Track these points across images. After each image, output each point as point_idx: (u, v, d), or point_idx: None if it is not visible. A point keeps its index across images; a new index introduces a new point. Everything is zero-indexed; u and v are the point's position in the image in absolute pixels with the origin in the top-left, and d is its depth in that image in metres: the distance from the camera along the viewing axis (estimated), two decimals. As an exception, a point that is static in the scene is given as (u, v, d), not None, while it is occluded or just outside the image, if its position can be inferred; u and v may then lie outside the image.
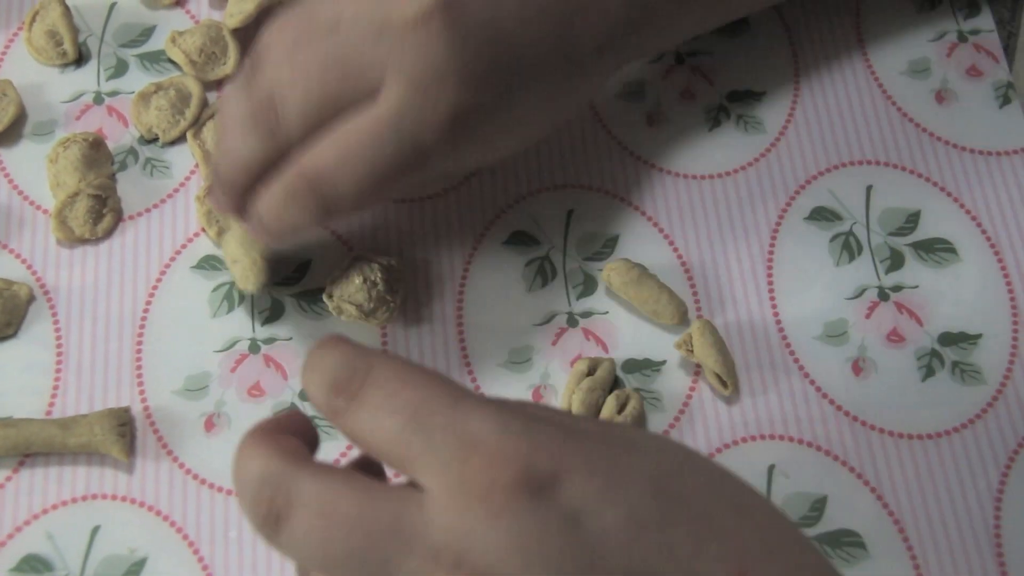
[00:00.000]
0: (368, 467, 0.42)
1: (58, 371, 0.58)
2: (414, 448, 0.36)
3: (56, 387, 0.57)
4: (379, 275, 0.58)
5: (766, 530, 0.38)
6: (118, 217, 0.61)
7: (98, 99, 0.64)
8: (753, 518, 0.38)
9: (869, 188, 0.63)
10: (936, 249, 0.62)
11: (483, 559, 0.34)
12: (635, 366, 0.58)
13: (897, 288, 0.61)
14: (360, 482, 0.36)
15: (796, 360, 0.59)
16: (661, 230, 0.61)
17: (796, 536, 0.39)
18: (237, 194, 0.53)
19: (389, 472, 0.43)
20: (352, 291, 0.58)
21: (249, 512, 0.37)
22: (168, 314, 0.59)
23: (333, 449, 0.56)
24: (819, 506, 0.56)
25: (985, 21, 0.67)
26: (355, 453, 0.56)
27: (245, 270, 0.56)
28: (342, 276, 0.58)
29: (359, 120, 0.50)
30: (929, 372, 0.59)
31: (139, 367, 0.58)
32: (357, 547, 0.35)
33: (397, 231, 0.61)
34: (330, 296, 0.58)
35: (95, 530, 0.55)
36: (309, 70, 0.50)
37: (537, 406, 0.40)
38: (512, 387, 0.58)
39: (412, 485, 0.36)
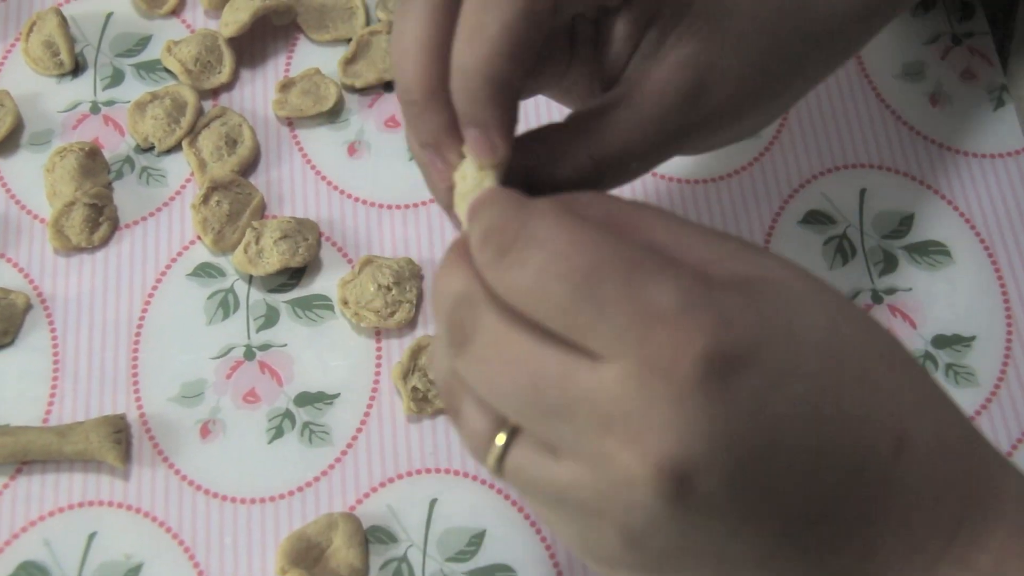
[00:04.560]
0: None
1: (55, 379, 0.58)
2: (583, 318, 0.33)
3: (53, 395, 0.58)
4: (390, 278, 0.58)
5: (916, 385, 0.38)
6: (114, 225, 0.62)
7: (94, 108, 0.64)
8: (904, 372, 0.38)
9: (863, 191, 0.63)
10: (930, 252, 0.62)
11: (666, 441, 0.33)
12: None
13: (891, 291, 0.61)
14: (536, 335, 0.34)
15: (790, 363, 0.59)
16: (655, 235, 0.62)
17: (938, 389, 0.39)
18: (433, 101, 0.41)
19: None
20: (368, 298, 0.58)
21: (443, 325, 0.36)
22: (164, 321, 0.59)
23: (327, 455, 0.57)
24: (813, 509, 0.56)
25: (979, 24, 0.67)
26: (350, 454, 0.57)
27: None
28: (352, 282, 0.59)
29: None
30: (923, 374, 0.59)
31: (135, 374, 0.58)
32: (522, 389, 0.34)
33: (392, 235, 0.62)
34: (345, 303, 0.59)
35: (91, 536, 0.55)
36: None
37: (720, 236, 0.38)
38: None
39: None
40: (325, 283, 0.60)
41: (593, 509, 0.35)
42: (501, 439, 0.36)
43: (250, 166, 0.63)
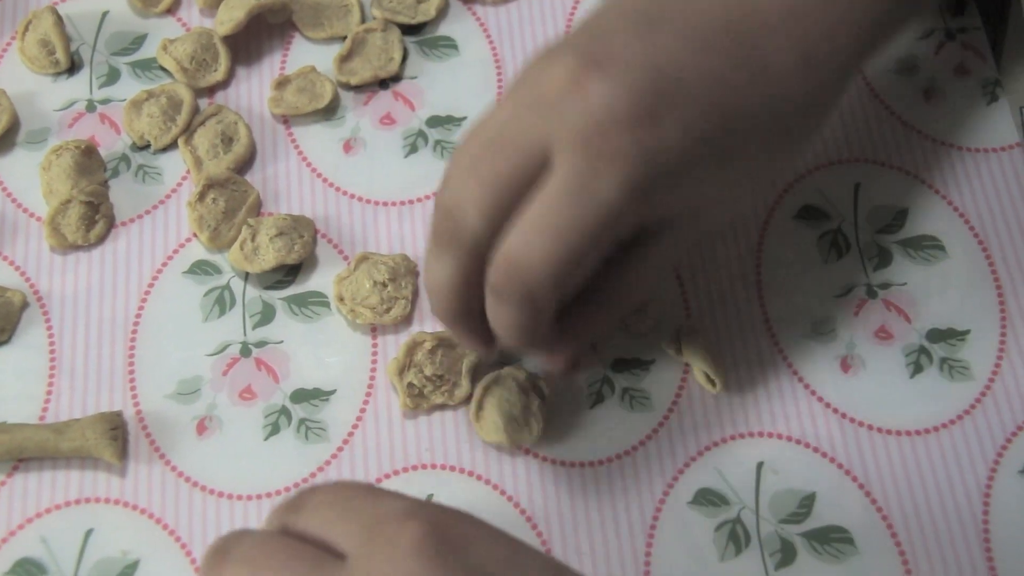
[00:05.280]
0: None
1: (51, 376, 0.58)
2: (336, 528, 0.41)
3: (49, 392, 0.58)
4: (386, 275, 0.59)
5: None
6: (110, 223, 0.62)
7: (90, 107, 0.65)
8: None
9: (857, 186, 0.63)
10: (924, 246, 0.62)
11: None
12: (624, 365, 0.59)
13: (885, 285, 0.61)
14: (294, 540, 0.42)
15: (785, 358, 0.59)
16: (650, 230, 0.62)
17: None
18: (459, 321, 0.50)
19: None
20: (364, 294, 0.59)
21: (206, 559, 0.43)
22: (160, 319, 0.60)
23: (323, 451, 0.57)
24: (808, 503, 0.56)
25: (972, 19, 0.68)
26: (345, 457, 0.57)
27: None
28: (348, 278, 0.59)
29: (537, 197, 0.46)
30: (917, 368, 0.59)
31: (131, 371, 0.58)
32: (285, 570, 0.40)
33: (387, 231, 0.62)
34: (341, 300, 0.59)
35: (88, 533, 0.55)
36: (477, 165, 0.47)
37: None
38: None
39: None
40: (321, 280, 0.61)
41: None
42: None
43: (246, 164, 0.63)
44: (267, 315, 0.60)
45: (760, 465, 0.57)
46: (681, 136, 0.46)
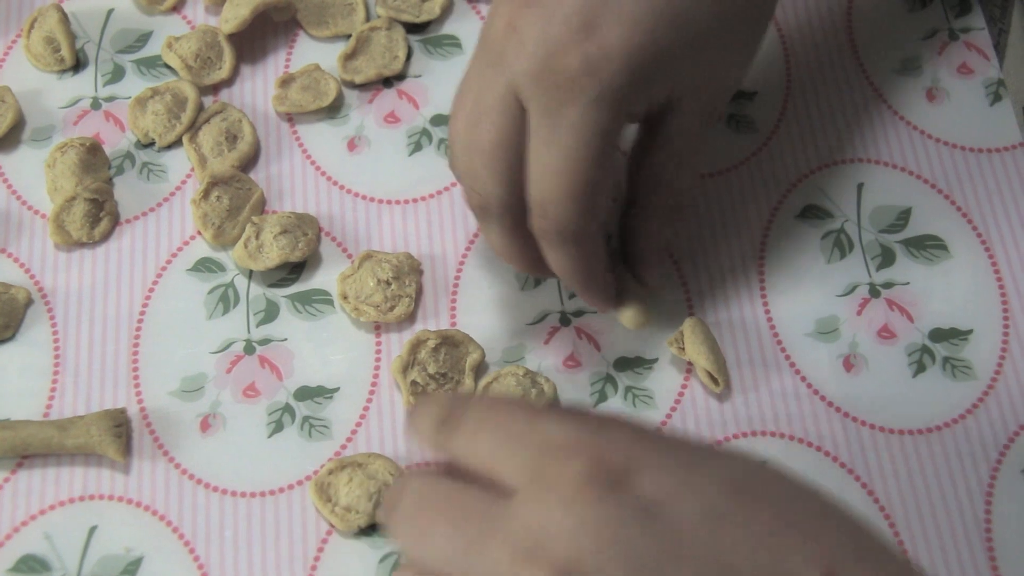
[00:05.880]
0: None
1: (55, 373, 0.58)
2: (499, 458, 0.39)
3: (53, 389, 0.58)
4: (389, 273, 0.59)
5: (852, 533, 0.38)
6: (115, 220, 0.62)
7: (95, 104, 0.65)
8: (838, 521, 0.38)
9: (860, 186, 0.63)
10: (927, 246, 0.62)
11: (558, 545, 0.36)
12: (627, 364, 0.59)
13: (888, 285, 0.61)
14: (458, 483, 0.40)
15: (787, 357, 0.59)
16: (653, 229, 0.62)
17: (881, 541, 0.39)
18: (546, 271, 0.54)
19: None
20: (368, 292, 0.59)
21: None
22: (164, 316, 0.60)
23: (327, 449, 0.57)
24: (810, 502, 0.56)
25: (976, 19, 0.68)
26: (348, 450, 0.57)
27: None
28: (352, 276, 0.59)
29: (531, 142, 0.50)
30: (920, 368, 0.59)
31: (135, 369, 0.58)
32: (442, 536, 0.38)
33: (391, 230, 0.62)
34: (345, 298, 0.59)
35: (92, 530, 0.55)
36: (471, 141, 0.51)
37: (619, 416, 0.42)
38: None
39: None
40: (325, 278, 0.61)
41: None
42: None
43: (250, 161, 0.63)
44: (271, 313, 0.60)
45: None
46: (625, 38, 0.48)
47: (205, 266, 0.61)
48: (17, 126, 0.64)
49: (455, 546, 0.38)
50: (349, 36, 0.67)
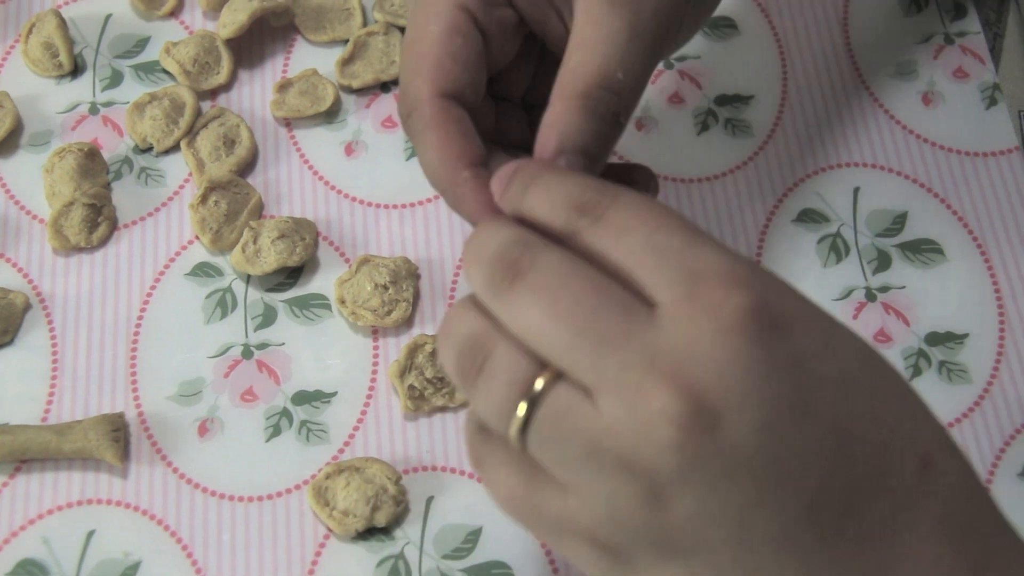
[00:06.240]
0: None
1: (53, 378, 0.58)
2: (647, 266, 0.36)
3: (51, 394, 0.58)
4: (387, 278, 0.59)
5: (943, 430, 0.38)
6: (113, 225, 0.62)
7: (93, 109, 0.65)
8: (932, 416, 0.38)
9: (856, 190, 0.63)
10: (923, 250, 0.62)
11: (702, 373, 0.34)
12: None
13: (884, 289, 0.61)
14: (600, 273, 0.37)
15: (784, 361, 0.59)
16: (650, 233, 0.62)
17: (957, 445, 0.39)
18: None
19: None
20: (365, 297, 0.59)
21: (489, 266, 0.38)
22: (162, 321, 0.60)
23: (325, 453, 0.57)
24: (806, 505, 0.56)
25: (972, 23, 0.68)
26: (350, 451, 0.57)
27: None
28: (350, 281, 0.59)
29: None
30: (916, 372, 0.59)
31: (133, 373, 0.59)
32: (580, 319, 0.36)
33: (388, 234, 0.62)
34: (342, 302, 0.59)
35: (90, 535, 0.55)
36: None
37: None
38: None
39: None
40: (322, 282, 0.61)
41: (625, 459, 0.35)
42: (540, 384, 0.36)
43: (248, 166, 0.64)
44: (269, 317, 0.60)
45: (759, 468, 0.57)
46: None
47: (203, 271, 0.61)
48: (15, 131, 0.64)
49: (586, 338, 0.35)
50: (347, 41, 0.67)
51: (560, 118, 0.43)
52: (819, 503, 0.35)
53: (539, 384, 0.36)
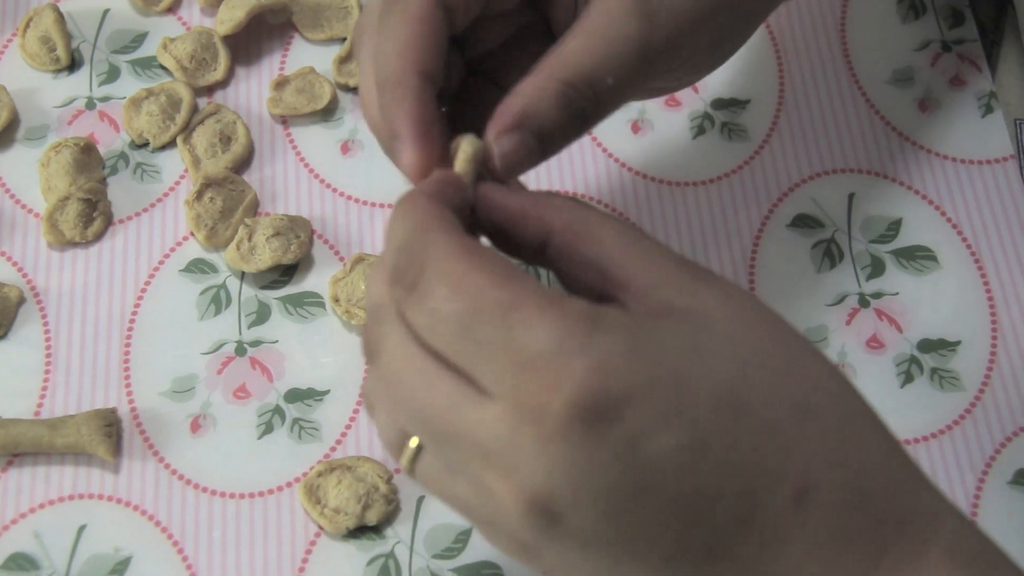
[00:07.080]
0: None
1: (47, 372, 0.58)
2: (466, 358, 0.36)
3: (44, 388, 0.58)
4: (380, 276, 0.59)
5: (831, 433, 0.37)
6: (108, 220, 0.62)
7: (90, 104, 0.65)
8: (818, 420, 0.37)
9: (851, 196, 0.63)
10: (917, 257, 0.62)
11: (533, 479, 0.35)
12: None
13: (878, 295, 0.61)
14: (431, 360, 0.37)
15: (776, 365, 0.59)
16: (644, 236, 0.62)
17: (863, 433, 0.38)
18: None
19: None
20: (359, 295, 0.59)
21: (366, 324, 0.39)
22: (156, 316, 0.60)
23: (317, 451, 0.57)
24: (797, 510, 0.56)
25: (969, 31, 0.68)
26: (346, 448, 0.57)
27: None
28: (344, 280, 0.59)
29: None
30: (908, 378, 0.59)
31: (127, 369, 0.59)
32: (417, 413, 0.37)
33: (383, 233, 0.62)
34: (336, 301, 0.59)
35: (81, 529, 0.55)
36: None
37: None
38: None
39: None
40: (317, 280, 0.61)
41: (489, 524, 0.38)
42: (414, 442, 0.39)
43: (244, 163, 0.64)
44: (262, 315, 0.60)
45: (750, 472, 0.57)
46: None
47: (197, 267, 0.61)
48: (11, 125, 0.64)
49: (424, 431, 0.37)
50: (344, 39, 0.67)
51: (532, 92, 0.42)
52: (679, 555, 0.36)
53: (413, 443, 0.39)
